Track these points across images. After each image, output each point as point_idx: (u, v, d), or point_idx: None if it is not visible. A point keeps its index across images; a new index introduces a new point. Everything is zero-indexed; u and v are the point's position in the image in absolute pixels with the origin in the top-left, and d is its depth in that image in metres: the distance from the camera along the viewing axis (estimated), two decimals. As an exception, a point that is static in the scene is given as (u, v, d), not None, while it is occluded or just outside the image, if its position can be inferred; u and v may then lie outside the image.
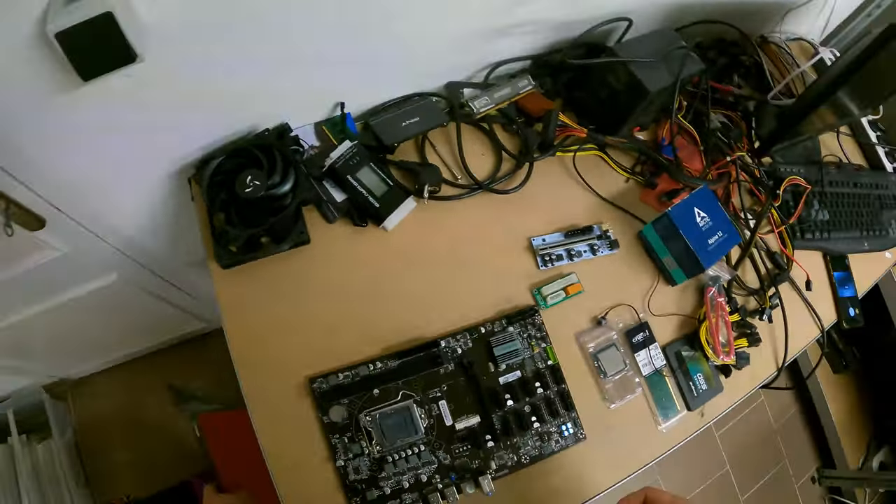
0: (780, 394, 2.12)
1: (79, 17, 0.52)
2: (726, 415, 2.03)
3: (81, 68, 0.57)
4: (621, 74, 0.89)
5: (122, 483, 1.56)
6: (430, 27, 0.82)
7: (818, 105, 0.92)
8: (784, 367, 0.97)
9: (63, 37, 0.53)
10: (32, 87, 0.61)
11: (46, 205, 0.81)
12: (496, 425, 0.77)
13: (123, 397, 1.67)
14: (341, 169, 0.82)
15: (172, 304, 1.32)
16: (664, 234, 0.89)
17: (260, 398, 0.74)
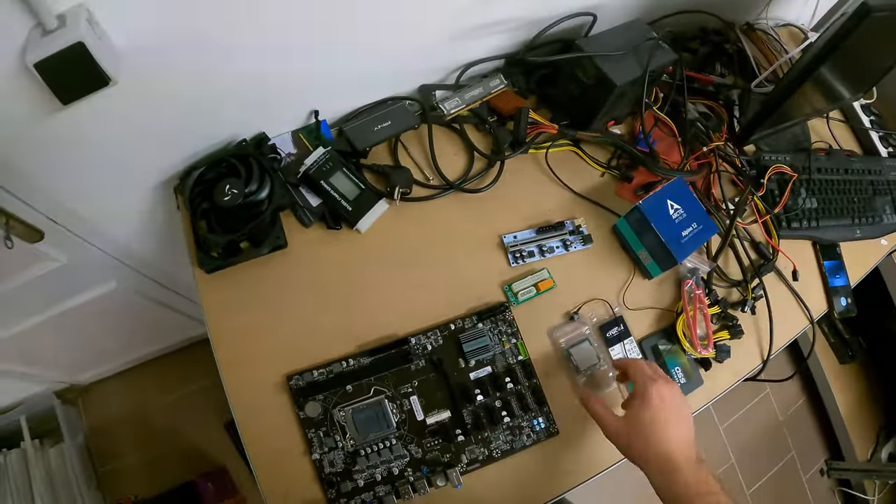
0: (785, 386, 2.11)
1: (54, 47, 0.57)
2: (730, 408, 2.06)
3: (60, 93, 0.63)
4: (589, 69, 0.90)
5: (132, 484, 1.65)
6: (397, 34, 0.85)
7: (795, 89, 0.92)
8: (769, 359, 0.97)
9: (41, 66, 0.58)
10: (21, 111, 0.67)
11: (44, 218, 0.87)
12: (466, 420, 0.80)
13: (132, 401, 1.76)
14: (315, 175, 0.86)
15: (174, 310, 1.39)
16: (637, 227, 0.91)
17: (241, 395, 0.79)
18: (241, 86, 0.81)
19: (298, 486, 0.76)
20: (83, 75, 0.61)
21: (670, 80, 1.04)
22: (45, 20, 0.56)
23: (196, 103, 0.80)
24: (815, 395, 2.06)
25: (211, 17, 0.68)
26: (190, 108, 0.80)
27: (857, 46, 0.89)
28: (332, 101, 0.92)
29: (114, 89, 0.64)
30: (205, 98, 0.80)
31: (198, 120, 0.84)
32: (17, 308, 1.12)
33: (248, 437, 0.77)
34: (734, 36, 1.14)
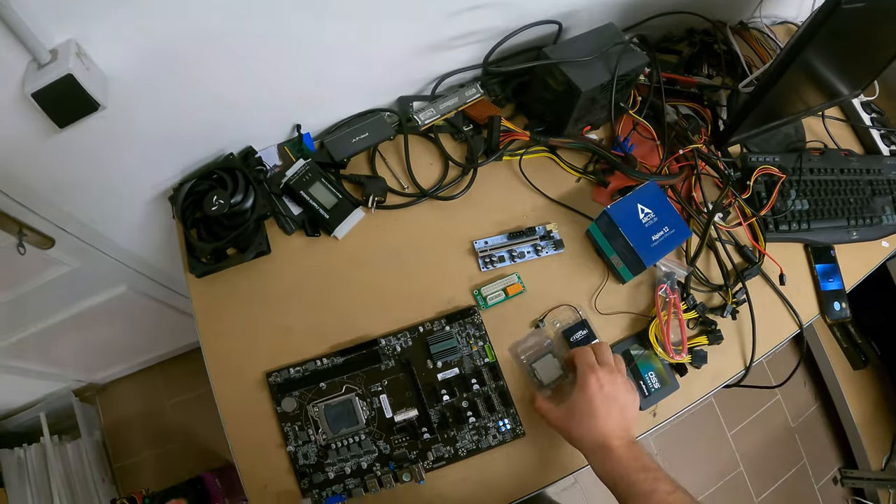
0: (797, 392, 2.07)
1: (47, 79, 0.65)
2: (739, 414, 2.06)
3: (56, 118, 0.72)
4: (557, 76, 0.94)
5: (145, 479, 1.79)
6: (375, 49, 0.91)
7: (770, 88, 0.92)
8: (751, 367, 0.98)
9: (38, 96, 0.67)
10: (25, 134, 0.77)
11: (53, 227, 0.98)
12: (433, 419, 0.86)
13: (146, 400, 1.90)
14: (295, 185, 0.93)
15: (182, 312, 1.50)
16: (606, 231, 0.94)
17: (225, 390, 0.87)
18: (229, 104, 0.89)
19: (275, 476, 0.83)
20: (74, 102, 0.70)
21: (649, 83, 1.06)
22: (39, 55, 0.65)
23: (185, 122, 0.88)
24: (828, 402, 2.03)
25: (193, 44, 0.75)
26: (179, 127, 0.88)
27: (842, 40, 0.89)
28: (314, 114, 0.99)
29: (105, 112, 0.73)
30: (193, 116, 0.88)
31: (187, 137, 0.92)
32: (35, 309, 1.24)
33: (231, 428, 0.85)
34: (722, 36, 1.15)
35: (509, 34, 0.97)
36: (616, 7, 1.07)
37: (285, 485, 0.83)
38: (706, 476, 1.98)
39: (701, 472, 1.99)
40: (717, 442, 2.03)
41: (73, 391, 1.71)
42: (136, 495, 1.49)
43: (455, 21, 0.93)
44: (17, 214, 0.94)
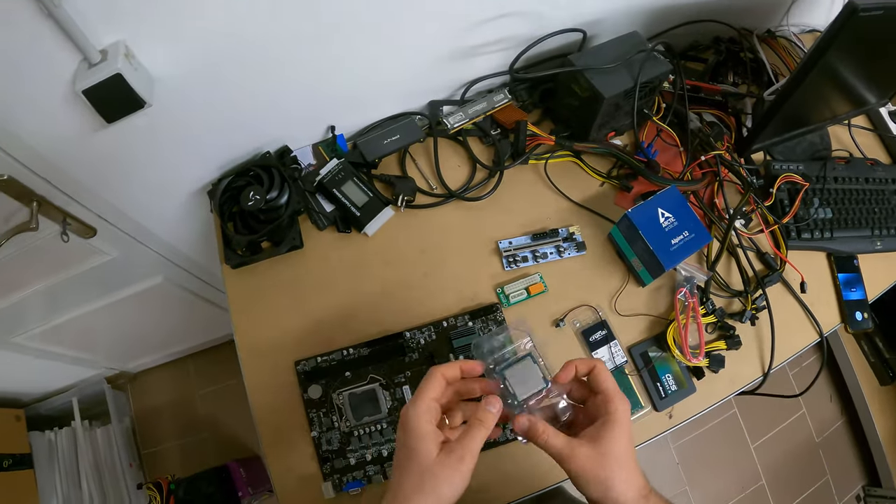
0: (822, 406, 2.06)
1: (97, 78, 0.73)
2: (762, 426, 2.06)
3: (104, 115, 0.79)
4: (581, 82, 0.99)
5: (171, 466, 1.87)
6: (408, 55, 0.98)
7: (789, 96, 0.96)
8: (769, 374, 1.00)
9: (88, 93, 0.74)
10: (74, 128, 0.85)
11: (96, 217, 1.05)
12: (454, 410, 0.92)
13: (176, 390, 1.98)
14: (328, 183, 1.00)
15: (216, 305, 1.57)
16: (627, 234, 0.98)
17: (255, 376, 0.93)
18: (267, 105, 0.96)
19: (299, 459, 0.89)
20: (122, 100, 0.77)
21: (673, 91, 1.11)
22: (90, 55, 0.72)
23: (224, 121, 0.95)
24: (854, 417, 2.02)
25: (235, 48, 0.82)
26: (219, 126, 0.96)
27: (865, 48, 0.92)
28: (348, 116, 1.06)
29: (151, 110, 0.80)
30: (234, 116, 0.95)
31: (226, 135, 0.99)
32: (73, 297, 1.32)
33: (258, 413, 0.91)
34: (748, 44, 1.18)
35: (534, 42, 1.03)
36: (641, 15, 1.12)
37: (308, 468, 0.88)
38: (727, 488, 1.99)
39: (722, 484, 1.99)
40: (739, 453, 2.03)
41: (106, 378, 1.80)
42: (163, 481, 1.56)
43: (484, 28, 0.99)
44: (62, 204, 1.01)
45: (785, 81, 1.01)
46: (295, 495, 0.88)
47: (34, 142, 0.86)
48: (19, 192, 0.95)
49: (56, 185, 0.97)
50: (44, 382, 1.72)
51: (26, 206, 0.99)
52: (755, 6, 1.20)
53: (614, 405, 0.61)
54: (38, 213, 0.99)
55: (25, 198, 0.97)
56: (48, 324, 1.38)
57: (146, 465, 1.87)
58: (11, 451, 1.60)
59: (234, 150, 1.03)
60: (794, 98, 0.97)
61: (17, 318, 1.34)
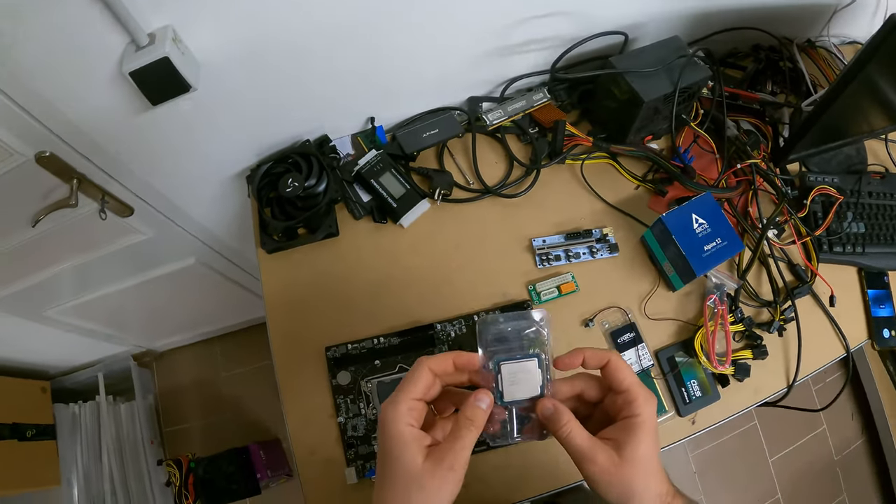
0: (843, 424, 2.03)
1: (144, 60, 0.74)
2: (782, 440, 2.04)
3: (150, 96, 0.80)
4: (622, 85, 0.99)
5: (192, 445, 1.89)
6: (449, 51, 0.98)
7: (827, 107, 0.95)
8: (793, 386, 0.99)
9: (134, 75, 0.75)
10: (119, 109, 0.86)
11: (134, 197, 1.07)
12: (480, 403, 0.92)
13: (201, 370, 2.00)
14: (366, 174, 1.00)
15: (245, 289, 1.59)
16: (660, 238, 0.98)
17: (285, 359, 0.94)
18: (309, 94, 0.97)
19: (324, 444, 0.90)
20: (168, 83, 0.78)
21: (711, 97, 1.10)
22: (138, 38, 0.73)
23: (266, 108, 0.96)
24: (874, 437, 2.00)
25: (280, 37, 0.83)
26: (260, 113, 0.97)
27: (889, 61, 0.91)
28: (388, 108, 1.06)
29: (195, 94, 0.81)
30: (275, 103, 0.96)
31: (267, 122, 1.00)
32: (106, 274, 1.34)
33: (286, 396, 0.92)
34: (788, 53, 1.17)
35: (576, 43, 1.03)
36: (682, 21, 1.11)
37: (332, 453, 0.89)
38: (743, 500, 1.98)
39: (737, 496, 1.98)
40: (757, 467, 2.02)
41: (132, 355, 1.83)
42: (183, 459, 1.58)
43: (527, 26, 0.99)
44: (101, 182, 1.03)
45: (824, 92, 1.00)
46: (317, 479, 0.89)
47: (78, 120, 0.87)
48: (60, 169, 0.96)
49: (96, 163, 0.99)
50: (71, 356, 1.74)
51: (66, 183, 1.00)
52: (796, 15, 1.19)
53: (639, 406, 0.53)
54: (78, 190, 1.01)
55: (66, 174, 0.98)
56: (80, 299, 1.40)
57: (167, 443, 1.89)
58: (35, 422, 1.63)
59: (273, 137, 1.04)
60: (832, 110, 0.96)
61: (49, 292, 1.36)
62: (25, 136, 0.88)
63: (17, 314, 1.42)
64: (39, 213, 1.04)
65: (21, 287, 1.31)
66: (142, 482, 1.66)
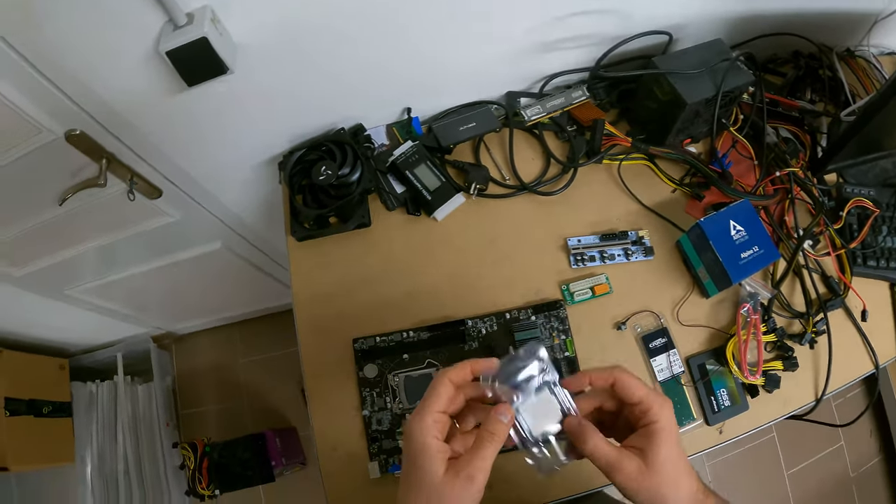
0: (862, 440, 1.97)
1: (182, 40, 0.70)
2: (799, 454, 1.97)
3: (186, 77, 0.76)
4: (664, 86, 0.94)
5: (208, 429, 1.85)
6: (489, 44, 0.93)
7: (869, 120, 0.90)
8: (822, 400, 0.94)
9: (171, 54, 0.71)
10: (153, 89, 0.82)
11: (163, 179, 1.02)
12: (509, 403, 0.87)
13: (220, 355, 1.95)
14: (402, 165, 0.95)
15: (270, 276, 1.54)
16: (697, 244, 0.93)
17: (311, 349, 0.90)
18: (345, 82, 0.92)
19: (347, 437, 0.86)
20: (205, 64, 0.74)
21: (752, 102, 1.05)
22: (176, 17, 0.69)
23: (302, 95, 0.92)
24: (892, 456, 1.94)
25: (319, 23, 0.78)
26: (296, 99, 0.92)
27: None
28: (425, 100, 1.02)
29: (230, 77, 0.77)
30: (310, 90, 0.92)
31: (302, 109, 0.96)
32: (131, 255, 1.30)
33: (311, 386, 0.88)
34: (828, 62, 1.12)
35: (623, 41, 0.98)
36: (724, 23, 1.06)
37: (355, 447, 0.85)
38: (756, 510, 1.92)
39: (751, 505, 1.92)
40: (772, 479, 1.96)
41: (152, 337, 1.78)
42: (199, 442, 1.54)
43: (568, 23, 0.94)
44: (130, 163, 0.99)
45: (864, 103, 0.95)
46: (339, 471, 0.85)
47: (110, 98, 0.83)
48: (90, 148, 0.93)
49: (127, 143, 0.95)
50: (91, 335, 1.70)
51: (95, 162, 0.97)
52: (837, 23, 1.13)
53: (654, 412, 0.54)
54: (107, 170, 0.97)
55: (95, 154, 0.95)
56: (103, 279, 1.36)
57: (183, 426, 1.85)
58: (52, 399, 1.60)
59: (307, 124, 0.99)
60: (872, 122, 0.91)
61: (73, 271, 1.33)
62: (56, 113, 0.84)
63: (38, 292, 1.38)
64: (67, 192, 1.00)
65: (44, 265, 1.27)
66: (156, 463, 1.62)
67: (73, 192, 1.00)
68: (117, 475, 1.58)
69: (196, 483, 1.51)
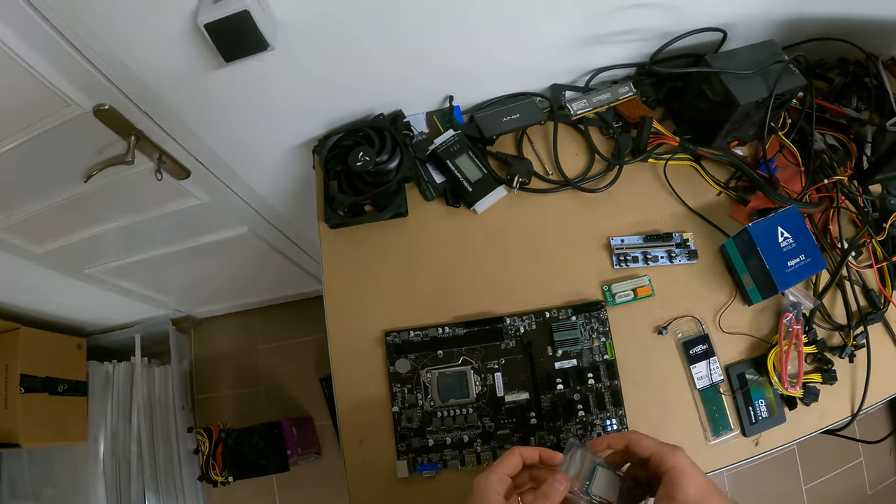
0: (881, 458, 1.89)
1: (222, 12, 0.64)
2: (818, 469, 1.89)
3: (224, 52, 0.70)
4: (715, 85, 0.88)
5: (223, 414, 1.78)
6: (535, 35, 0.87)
7: None
8: (859, 415, 0.89)
9: (210, 27, 0.65)
10: (187, 64, 0.75)
11: (192, 160, 0.96)
12: (543, 405, 0.81)
13: (239, 341, 1.88)
14: (442, 154, 0.89)
15: (294, 263, 1.47)
16: (743, 249, 0.87)
17: (341, 341, 0.84)
18: (387, 66, 0.86)
19: (375, 434, 0.80)
20: (245, 39, 0.68)
21: (800, 107, 0.99)
22: None
23: (341, 78, 0.86)
24: None
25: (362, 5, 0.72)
26: (335, 82, 0.86)
27: None
28: (467, 89, 0.95)
29: (270, 54, 0.71)
30: (350, 73, 0.85)
31: (342, 91, 0.89)
32: (154, 236, 1.24)
33: (339, 380, 0.83)
34: (874, 69, 1.06)
35: (678, 36, 0.91)
36: (773, 25, 1.00)
37: (382, 443, 0.80)
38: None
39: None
40: (791, 493, 1.89)
41: (171, 320, 1.72)
42: (214, 428, 1.48)
43: (619, 17, 0.88)
44: (159, 141, 0.93)
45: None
46: (364, 466, 0.80)
47: (142, 73, 0.77)
48: (118, 124, 0.87)
49: (157, 120, 0.89)
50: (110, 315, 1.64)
51: (123, 139, 0.91)
52: (885, 31, 1.06)
53: (668, 460, 0.57)
54: (135, 147, 0.91)
55: (124, 130, 0.89)
56: (125, 259, 1.30)
57: (198, 410, 1.79)
58: (68, 377, 1.54)
59: (345, 108, 0.93)
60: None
61: (95, 249, 1.27)
62: (85, 87, 0.79)
63: (59, 270, 1.32)
64: (93, 168, 0.94)
65: (66, 243, 1.21)
66: (169, 447, 1.56)
67: (99, 169, 0.94)
68: (130, 456, 1.53)
69: (209, 469, 1.45)
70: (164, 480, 1.54)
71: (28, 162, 0.93)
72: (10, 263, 1.23)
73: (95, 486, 1.54)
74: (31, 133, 0.86)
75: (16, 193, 1.04)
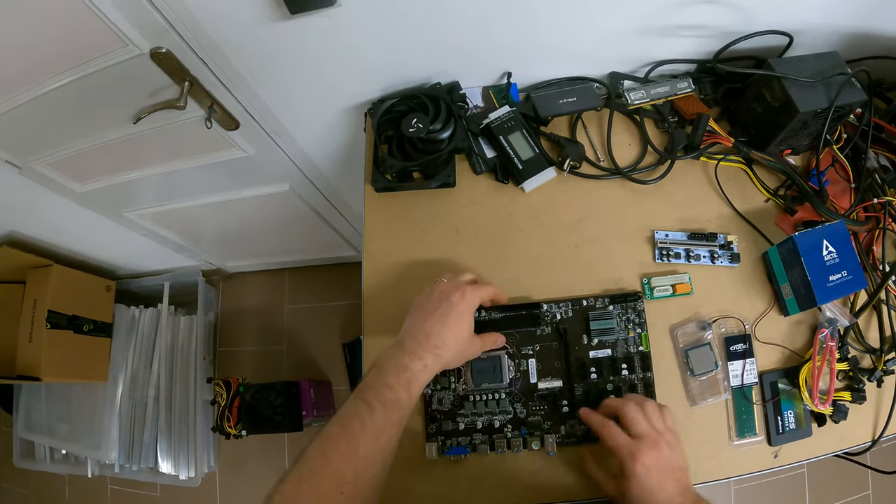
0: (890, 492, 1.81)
1: None
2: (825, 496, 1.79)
3: (290, 4, 0.66)
4: (776, 90, 0.82)
5: (243, 369, 1.72)
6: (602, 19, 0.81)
7: None
8: (878, 442, 0.83)
9: None
10: (251, 13, 0.71)
11: (243, 111, 0.91)
12: (576, 394, 0.76)
13: (266, 299, 1.82)
14: (496, 129, 0.84)
15: (331, 227, 1.41)
16: (786, 258, 0.81)
17: (375, 308, 0.80)
18: (450, 36, 0.81)
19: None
20: None
21: (857, 123, 0.92)
22: None
23: (403, 43, 0.81)
24: None
25: None
26: (398, 45, 0.81)
27: None
28: (526, 67, 0.89)
29: (335, 10, 0.67)
30: (414, 39, 0.80)
31: (402, 57, 0.84)
32: (196, 185, 1.19)
33: (370, 344, 0.78)
34: (933, 95, 0.99)
35: (743, 36, 0.85)
36: (840, 37, 0.93)
37: (410, 424, 0.74)
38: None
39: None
40: None
41: (202, 271, 1.67)
42: (233, 380, 1.43)
43: (686, 11, 0.82)
44: (212, 89, 0.88)
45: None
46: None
47: (203, 19, 0.73)
48: (174, 69, 0.82)
49: (212, 69, 0.84)
50: (141, 261, 1.59)
51: (177, 84, 0.86)
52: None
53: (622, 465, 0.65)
54: (188, 93, 0.85)
55: (178, 75, 0.84)
56: (163, 206, 1.25)
57: (218, 362, 1.73)
58: (94, 318, 1.51)
59: (402, 74, 0.87)
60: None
61: (135, 193, 1.22)
62: (144, 29, 0.74)
63: (97, 210, 1.28)
64: (144, 111, 0.90)
65: (107, 184, 1.17)
66: (186, 395, 1.52)
67: (150, 112, 0.89)
68: (147, 400, 1.49)
69: (224, 420, 1.41)
70: (178, 428, 1.50)
71: (79, 100, 0.89)
72: (50, 201, 1.19)
73: (110, 426, 1.51)
74: (85, 70, 0.81)
75: (64, 130, 0.99)
